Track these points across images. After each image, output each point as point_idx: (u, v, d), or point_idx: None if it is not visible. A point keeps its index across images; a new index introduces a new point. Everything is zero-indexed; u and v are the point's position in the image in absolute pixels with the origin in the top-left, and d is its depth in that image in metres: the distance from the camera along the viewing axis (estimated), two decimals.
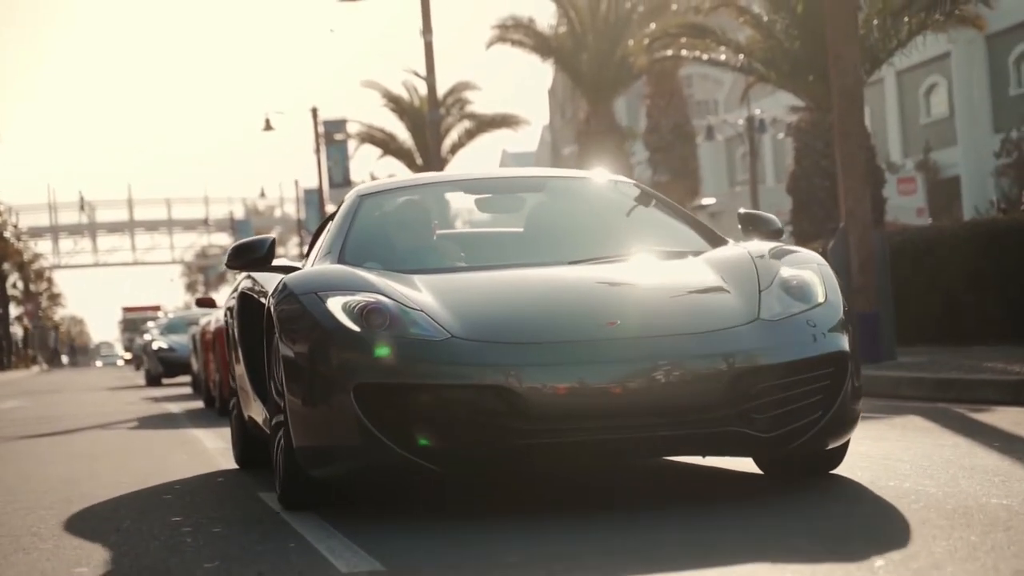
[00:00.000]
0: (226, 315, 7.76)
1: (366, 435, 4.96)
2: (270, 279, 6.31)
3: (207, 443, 9.92)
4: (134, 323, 72.24)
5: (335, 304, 5.19)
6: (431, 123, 27.43)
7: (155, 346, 26.85)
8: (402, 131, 39.06)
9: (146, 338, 29.57)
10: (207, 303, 15.83)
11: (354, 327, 5.08)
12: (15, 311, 73.33)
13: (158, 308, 74.57)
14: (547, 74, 78.00)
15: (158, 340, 26.97)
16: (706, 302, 5.33)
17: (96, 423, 13.98)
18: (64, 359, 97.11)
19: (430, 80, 26.41)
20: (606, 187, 6.93)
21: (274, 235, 6.57)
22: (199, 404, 16.53)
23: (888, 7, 18.24)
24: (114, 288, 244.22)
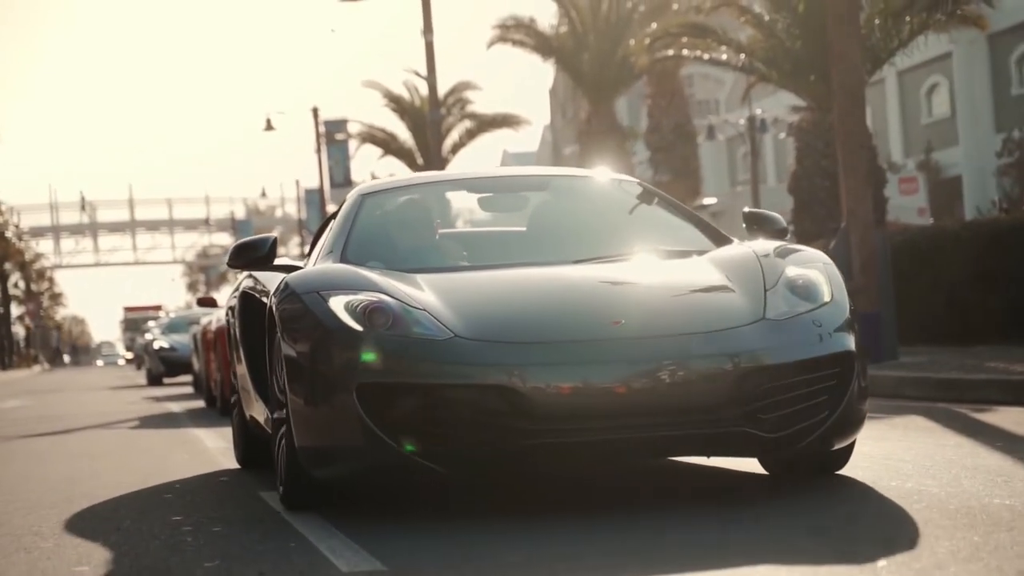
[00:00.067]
0: (227, 314, 7.74)
1: (369, 435, 4.93)
2: (272, 278, 6.25)
3: (208, 443, 9.91)
4: (135, 323, 72.20)
5: (337, 303, 5.16)
6: (432, 123, 27.42)
7: (156, 346, 26.86)
8: (403, 131, 39.03)
9: (147, 338, 29.56)
10: (208, 303, 15.82)
11: (356, 326, 5.05)
12: (16, 311, 73.35)
13: (159, 308, 74.60)
14: (548, 74, 77.96)
15: (159, 340, 26.98)
16: (711, 301, 5.29)
17: (97, 422, 13.97)
18: (66, 359, 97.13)
19: (431, 80, 26.40)
20: (609, 186, 6.89)
21: (275, 234, 6.53)
22: (200, 404, 16.53)
23: (889, 7, 18.19)
24: (115, 288, 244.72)
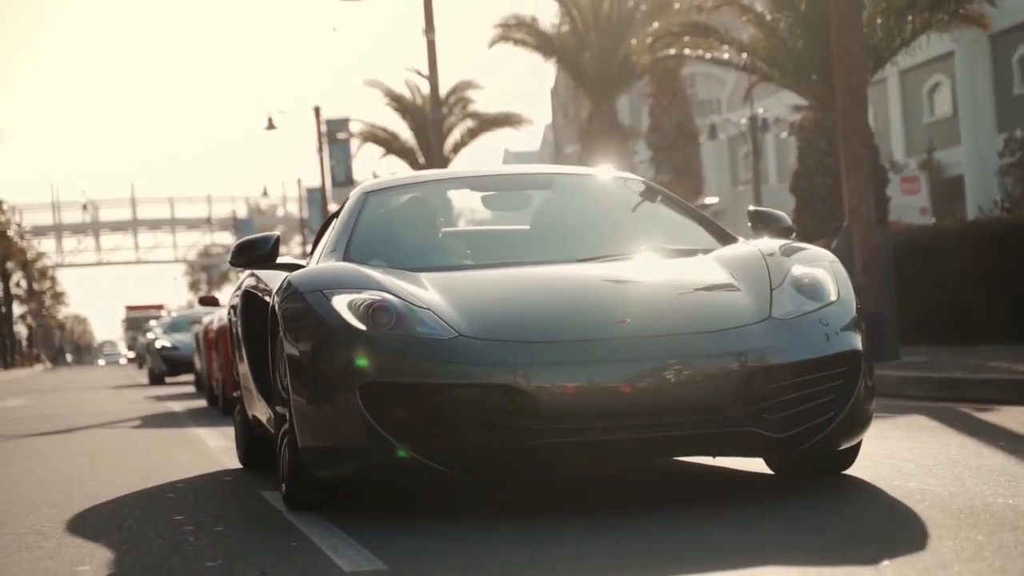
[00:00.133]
0: (230, 313, 7.72)
1: (372, 435, 4.91)
2: (274, 277, 6.22)
3: (210, 442, 9.91)
4: (137, 322, 72.18)
5: (340, 302, 5.13)
6: (433, 122, 27.42)
7: (158, 345, 26.87)
8: (404, 130, 39.04)
9: (149, 337, 29.56)
10: (210, 302, 15.84)
11: (360, 325, 5.02)
12: (19, 310, 73.40)
13: (161, 307, 74.63)
14: (549, 73, 77.91)
15: (161, 339, 26.99)
16: (717, 300, 5.26)
17: (99, 422, 13.97)
18: (68, 357, 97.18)
19: (432, 79, 26.40)
20: (613, 184, 6.86)
21: (278, 232, 6.50)
22: (202, 403, 16.52)
23: (892, 6, 18.18)
24: (117, 287, 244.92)
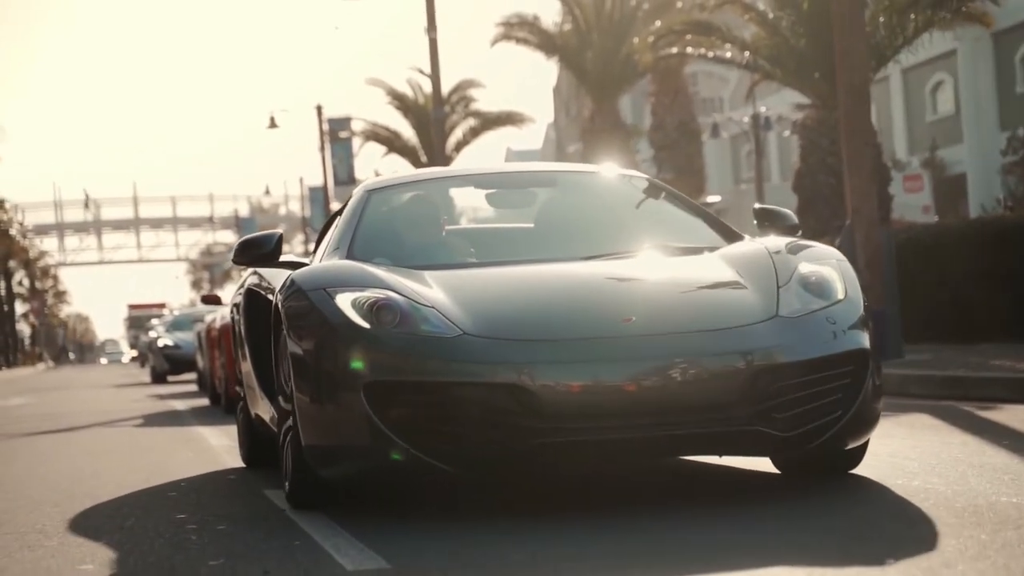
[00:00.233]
0: (232, 311, 7.71)
1: (376, 434, 4.89)
2: (277, 275, 6.19)
3: (212, 440, 9.91)
4: (139, 320, 72.27)
5: (344, 300, 5.10)
6: (436, 121, 27.43)
7: (160, 343, 26.86)
8: (407, 129, 39.00)
9: (151, 335, 29.57)
10: (212, 300, 15.84)
11: (364, 324, 5.00)
12: (21, 308, 73.44)
13: (163, 305, 74.67)
14: (552, 72, 77.84)
15: (163, 337, 26.99)
16: (723, 298, 5.23)
17: (101, 420, 13.97)
18: (70, 356, 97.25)
19: (435, 78, 26.40)
20: (618, 182, 6.83)
21: (281, 230, 6.48)
22: (204, 401, 16.52)
23: (894, 4, 18.15)
24: (119, 285, 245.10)
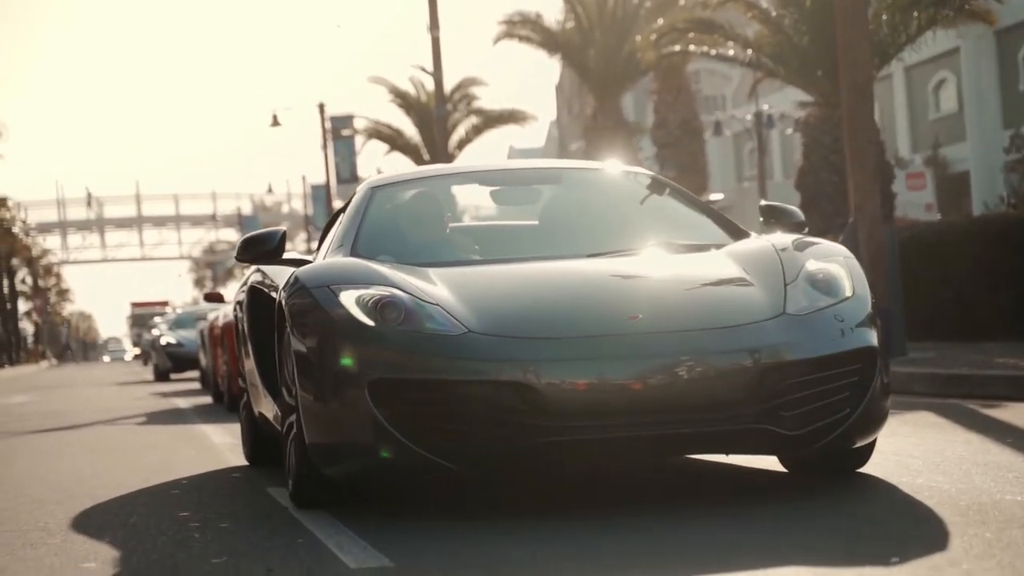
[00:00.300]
0: (235, 309, 7.69)
1: (381, 432, 4.87)
2: (281, 272, 6.17)
3: (215, 438, 9.90)
4: (142, 318, 72.38)
5: (348, 298, 5.08)
6: (438, 119, 27.45)
7: (163, 341, 26.89)
8: (409, 127, 39.02)
9: (154, 333, 29.62)
10: (215, 298, 15.85)
11: (368, 321, 4.98)
12: (24, 307, 73.50)
13: (166, 303, 74.78)
14: (554, 70, 77.88)
15: (166, 335, 27.01)
16: (730, 296, 5.20)
17: (104, 418, 13.97)
18: (70, 354, 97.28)
19: (437, 76, 26.42)
20: (623, 178, 6.81)
21: (284, 227, 6.46)
22: (207, 399, 16.52)
23: (897, 2, 18.15)
24: (122, 283, 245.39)
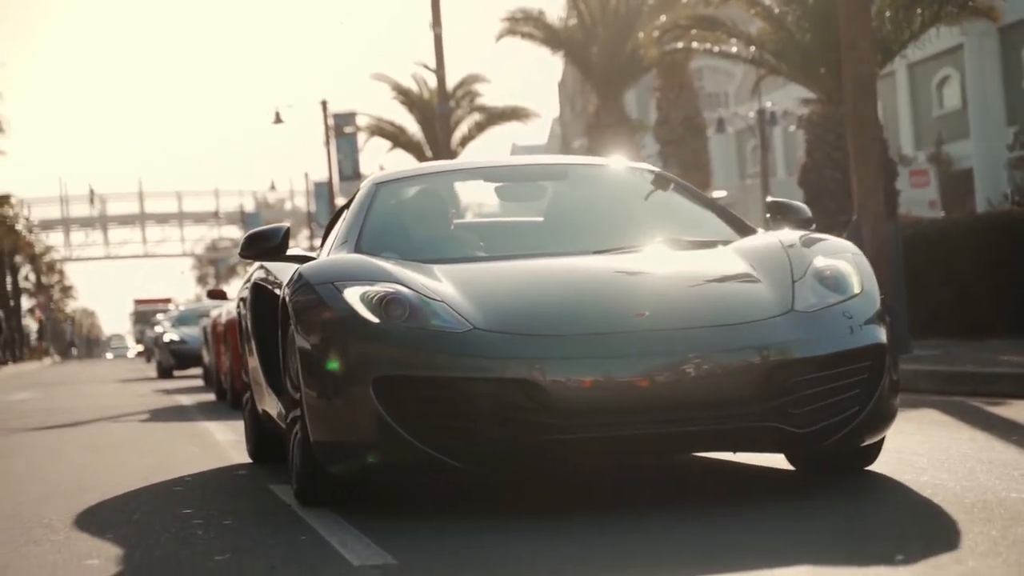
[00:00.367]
0: (239, 306, 7.67)
1: (385, 430, 4.86)
2: (284, 269, 6.13)
3: (218, 436, 9.90)
4: (145, 315, 72.38)
5: (353, 294, 5.06)
6: (441, 116, 27.44)
7: (166, 338, 26.88)
8: (412, 124, 39.03)
9: (157, 330, 29.61)
10: (218, 295, 15.83)
11: (373, 318, 4.96)
12: (27, 303, 73.56)
13: (169, 300, 74.80)
14: (557, 67, 77.88)
15: (169, 332, 27.01)
16: (738, 293, 5.17)
17: (107, 415, 13.97)
18: (73, 351, 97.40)
19: (440, 73, 26.41)
20: (628, 174, 6.78)
21: (288, 224, 6.44)
22: (210, 396, 16.52)
23: None
24: (125, 280, 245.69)
